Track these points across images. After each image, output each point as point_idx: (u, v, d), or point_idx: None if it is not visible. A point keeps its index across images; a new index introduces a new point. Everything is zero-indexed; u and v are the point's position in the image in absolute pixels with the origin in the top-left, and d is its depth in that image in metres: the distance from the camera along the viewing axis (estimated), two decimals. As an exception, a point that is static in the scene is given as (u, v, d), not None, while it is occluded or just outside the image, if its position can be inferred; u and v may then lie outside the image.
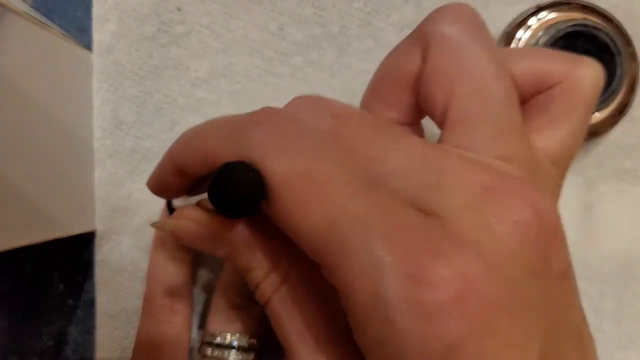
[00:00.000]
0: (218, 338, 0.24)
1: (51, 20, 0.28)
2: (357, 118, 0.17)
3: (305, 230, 0.14)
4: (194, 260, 0.27)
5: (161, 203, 0.27)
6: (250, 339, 0.24)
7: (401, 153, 0.15)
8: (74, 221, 0.26)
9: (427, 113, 0.18)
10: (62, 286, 0.28)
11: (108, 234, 0.28)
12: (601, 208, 0.30)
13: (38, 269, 0.28)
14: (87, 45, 0.28)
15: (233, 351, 0.23)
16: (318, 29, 0.29)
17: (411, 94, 0.18)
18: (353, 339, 0.14)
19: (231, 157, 0.16)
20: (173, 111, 0.28)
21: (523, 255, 0.14)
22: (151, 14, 0.28)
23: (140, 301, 0.27)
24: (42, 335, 0.28)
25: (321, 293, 0.16)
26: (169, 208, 0.25)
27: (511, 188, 0.14)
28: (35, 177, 0.22)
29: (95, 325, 0.28)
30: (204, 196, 0.18)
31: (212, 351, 0.24)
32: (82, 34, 0.28)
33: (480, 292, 0.13)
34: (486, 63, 0.16)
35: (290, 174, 0.14)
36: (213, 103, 0.28)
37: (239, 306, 0.24)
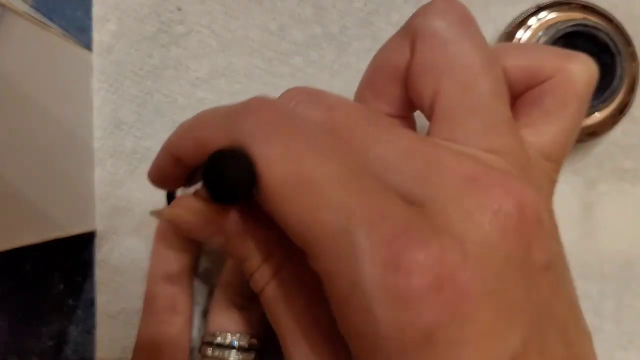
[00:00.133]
0: (218, 338, 0.24)
1: (51, 20, 0.28)
2: (350, 109, 0.17)
3: (291, 215, 0.14)
4: (195, 260, 0.27)
5: (162, 203, 0.27)
6: (250, 339, 0.24)
7: (390, 144, 0.15)
8: (74, 221, 0.26)
9: (416, 105, 0.18)
10: (62, 286, 0.28)
11: (108, 234, 0.28)
12: (601, 208, 0.30)
13: (38, 269, 0.28)
14: (87, 45, 0.28)
15: (233, 351, 0.23)
16: (318, 29, 0.29)
17: (401, 87, 0.18)
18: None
19: (224, 144, 0.16)
20: (173, 111, 0.28)
21: (503, 245, 0.14)
22: (151, 14, 0.28)
23: (140, 301, 0.26)
24: (42, 335, 0.28)
25: (314, 285, 0.16)
26: (169, 199, 0.25)
27: (495, 179, 0.14)
28: (35, 177, 0.22)
29: (95, 325, 0.28)
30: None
31: (213, 351, 0.24)
32: (82, 34, 0.28)
33: (458, 280, 0.13)
34: (473, 57, 0.16)
35: (280, 161, 0.14)
36: (213, 103, 0.28)
37: (239, 306, 0.24)
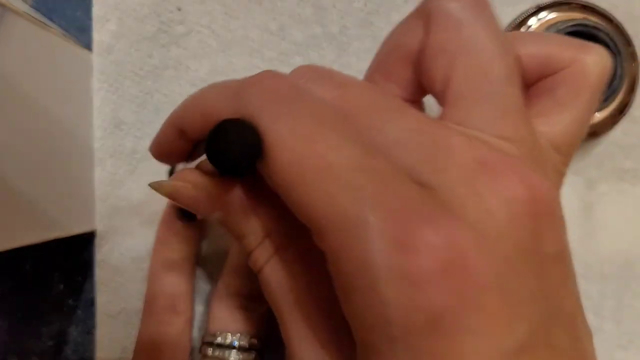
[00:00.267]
0: (219, 338, 0.24)
1: (51, 20, 0.28)
2: (360, 88, 0.16)
3: (298, 191, 0.14)
4: (195, 260, 0.27)
5: (162, 203, 0.27)
6: (251, 339, 0.24)
7: (401, 125, 0.15)
8: (74, 221, 0.26)
9: (428, 89, 0.17)
10: (62, 286, 0.28)
11: (108, 234, 0.28)
12: (601, 208, 0.30)
13: (38, 269, 0.28)
14: (87, 45, 0.28)
15: (234, 351, 0.23)
16: (318, 29, 0.29)
17: (413, 69, 0.17)
18: (344, 316, 0.14)
19: (230, 116, 0.15)
20: (173, 111, 0.28)
21: (514, 232, 0.13)
22: (151, 14, 0.28)
23: (140, 301, 0.26)
24: (42, 335, 0.28)
25: (316, 265, 0.16)
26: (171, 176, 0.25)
27: (507, 165, 0.14)
28: (35, 177, 0.22)
29: (95, 325, 0.28)
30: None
31: (213, 351, 0.24)
32: (82, 34, 0.28)
33: (468, 265, 0.12)
34: (488, 41, 0.16)
35: (290, 137, 0.14)
36: (213, 103, 0.28)
37: (240, 306, 0.24)
